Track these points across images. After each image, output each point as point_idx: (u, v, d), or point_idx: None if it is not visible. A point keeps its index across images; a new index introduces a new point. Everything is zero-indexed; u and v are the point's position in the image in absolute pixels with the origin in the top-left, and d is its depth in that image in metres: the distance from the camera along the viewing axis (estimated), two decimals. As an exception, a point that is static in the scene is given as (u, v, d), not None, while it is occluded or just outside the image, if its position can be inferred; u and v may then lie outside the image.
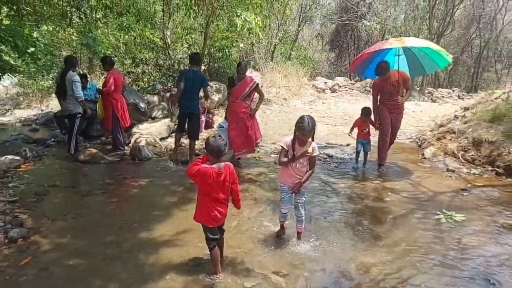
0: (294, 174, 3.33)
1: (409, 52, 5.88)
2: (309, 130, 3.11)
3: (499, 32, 19.45)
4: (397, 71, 5.51)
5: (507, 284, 2.85)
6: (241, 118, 5.73)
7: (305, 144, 3.22)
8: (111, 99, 6.45)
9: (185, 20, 10.59)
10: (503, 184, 5.31)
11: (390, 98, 5.56)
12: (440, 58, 5.78)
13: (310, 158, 3.28)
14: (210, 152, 2.73)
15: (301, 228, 3.48)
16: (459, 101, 15.09)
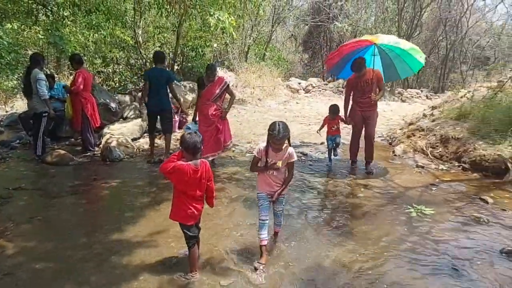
0: (272, 181, 3.14)
1: (384, 55, 5.84)
2: (281, 138, 2.90)
3: (464, 35, 20.28)
4: (372, 69, 5.49)
5: (474, 273, 2.95)
6: (211, 120, 5.48)
7: (279, 151, 3.03)
8: (80, 99, 6.24)
9: (157, 19, 10.42)
10: (469, 179, 5.52)
11: (363, 96, 5.53)
12: (414, 61, 5.77)
13: (288, 164, 3.11)
14: (186, 149, 2.68)
15: (278, 230, 3.45)
16: (427, 100, 15.61)
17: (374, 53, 5.63)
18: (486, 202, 4.45)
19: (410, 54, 5.64)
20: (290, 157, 3.07)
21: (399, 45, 5.61)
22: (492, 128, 6.06)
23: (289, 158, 3.07)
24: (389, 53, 5.81)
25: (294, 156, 3.09)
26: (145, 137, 7.34)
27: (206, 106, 5.49)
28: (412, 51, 5.65)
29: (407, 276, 2.92)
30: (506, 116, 6.08)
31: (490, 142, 5.84)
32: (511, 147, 5.58)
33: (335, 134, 5.96)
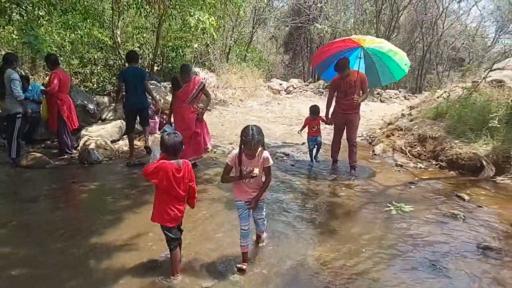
0: (248, 189, 2.94)
1: (368, 59, 5.82)
2: (255, 143, 2.66)
3: (440, 37, 20.81)
4: (357, 71, 5.43)
5: (452, 269, 3.03)
6: (188, 123, 5.29)
7: (254, 157, 2.80)
8: (56, 100, 6.06)
9: (136, 19, 10.27)
10: (446, 177, 5.67)
11: (345, 97, 5.48)
12: (397, 70, 5.79)
13: (265, 168, 2.88)
14: (166, 151, 2.67)
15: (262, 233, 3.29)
16: (405, 101, 15.96)
17: (360, 55, 5.59)
18: (462, 199, 4.57)
19: (395, 61, 5.64)
20: (266, 161, 2.85)
21: (385, 50, 5.61)
22: (467, 127, 6.25)
23: (264, 163, 2.85)
24: (373, 58, 5.80)
25: (270, 160, 2.88)
26: (124, 139, 7.19)
27: (182, 109, 5.31)
28: (397, 59, 5.65)
29: (387, 273, 2.97)
30: (480, 115, 6.28)
31: (466, 140, 6.02)
32: (486, 145, 5.76)
33: (315, 135, 5.95)
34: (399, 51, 5.79)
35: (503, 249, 3.32)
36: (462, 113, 6.59)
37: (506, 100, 6.33)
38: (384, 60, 5.73)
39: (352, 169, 5.64)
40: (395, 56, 5.65)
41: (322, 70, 6.45)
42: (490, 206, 4.37)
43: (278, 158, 6.47)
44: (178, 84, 5.31)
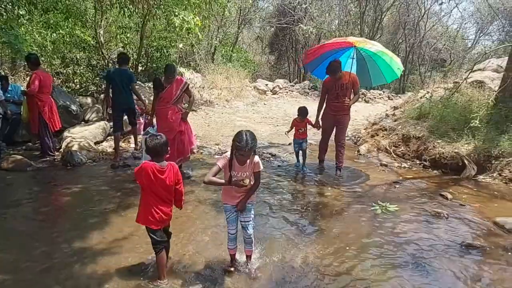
0: (236, 194, 2.85)
1: (361, 59, 5.73)
2: (249, 149, 2.59)
3: (422, 38, 21.21)
4: (349, 73, 5.36)
5: (436, 266, 3.09)
6: (172, 123, 5.10)
7: (245, 163, 2.72)
8: (37, 101, 5.91)
9: (120, 18, 10.11)
10: (429, 176, 5.78)
11: (336, 99, 5.40)
12: (390, 72, 5.71)
13: (255, 173, 2.81)
14: (149, 153, 2.64)
15: (250, 250, 3.00)
16: (389, 101, 16.23)
17: (353, 55, 5.52)
18: (446, 198, 4.66)
19: (387, 63, 5.59)
20: (256, 166, 2.79)
21: (377, 51, 5.54)
22: (449, 127, 6.38)
23: (255, 168, 2.79)
24: (366, 58, 5.72)
25: (261, 165, 2.82)
26: (108, 140, 7.09)
27: (165, 110, 5.09)
28: (390, 62, 5.58)
29: (374, 272, 3.00)
30: (462, 115, 6.42)
31: (448, 140, 6.15)
32: (467, 145, 5.89)
33: (301, 138, 5.82)
34: (393, 55, 5.75)
35: (486, 247, 3.40)
36: (445, 113, 6.72)
37: (486, 100, 6.46)
38: (376, 60, 5.67)
39: (338, 170, 5.64)
40: (388, 58, 5.59)
41: (313, 68, 6.29)
42: (472, 205, 4.47)
43: (265, 158, 6.47)
44: (161, 85, 5.12)
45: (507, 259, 3.22)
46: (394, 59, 5.65)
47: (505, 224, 3.80)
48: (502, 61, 8.83)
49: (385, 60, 5.59)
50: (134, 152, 6.54)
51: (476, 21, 22.45)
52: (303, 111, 5.76)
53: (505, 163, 5.40)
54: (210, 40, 15.53)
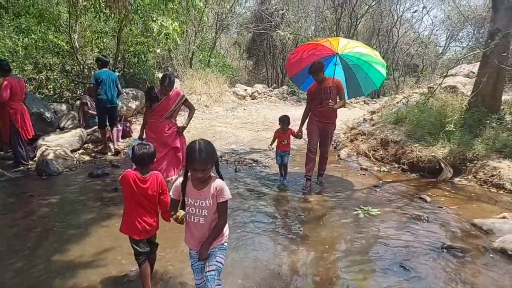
0: (194, 231, 2.23)
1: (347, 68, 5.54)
2: (202, 163, 2.00)
3: (395, 44, 21.83)
4: (332, 78, 5.13)
5: (418, 269, 3.14)
6: (166, 138, 4.72)
7: (203, 187, 2.14)
8: (8, 109, 5.68)
9: (95, 23, 9.90)
10: (408, 179, 5.91)
11: (321, 105, 5.16)
12: (377, 75, 5.47)
13: (218, 205, 2.15)
14: (134, 161, 2.58)
15: None
16: (365, 106, 16.55)
17: (336, 62, 5.30)
18: (425, 200, 4.78)
19: (374, 67, 5.37)
20: (220, 194, 2.12)
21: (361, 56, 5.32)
22: (426, 131, 6.57)
23: (218, 196, 2.13)
24: (352, 67, 5.51)
25: (226, 192, 2.14)
26: (85, 148, 6.90)
27: (159, 124, 4.68)
28: (375, 63, 5.36)
29: (358, 277, 3.03)
30: (437, 119, 6.62)
31: (425, 144, 6.32)
32: (443, 148, 6.08)
33: (284, 151, 5.48)
34: (374, 52, 5.47)
35: (465, 248, 3.49)
36: (421, 118, 6.92)
37: (459, 105, 6.71)
38: (363, 66, 5.43)
39: (319, 176, 5.61)
40: (372, 60, 5.34)
41: (300, 82, 6.01)
42: (450, 207, 4.59)
43: (247, 164, 6.46)
44: (155, 96, 4.60)
45: (486, 259, 3.32)
46: (376, 57, 5.39)
47: (482, 226, 3.92)
48: (473, 67, 9.20)
49: (370, 63, 5.34)
50: (113, 160, 6.39)
51: (446, 27, 23.30)
52: (284, 120, 5.40)
53: (479, 165, 5.59)
54: (188, 45, 15.43)
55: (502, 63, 6.13)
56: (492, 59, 6.16)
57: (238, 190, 5.13)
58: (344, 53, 5.29)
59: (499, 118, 6.19)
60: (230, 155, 7.08)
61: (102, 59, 6.88)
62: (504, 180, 5.18)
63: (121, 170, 5.83)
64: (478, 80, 6.53)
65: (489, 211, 4.44)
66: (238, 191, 5.08)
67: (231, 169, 6.19)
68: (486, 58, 6.43)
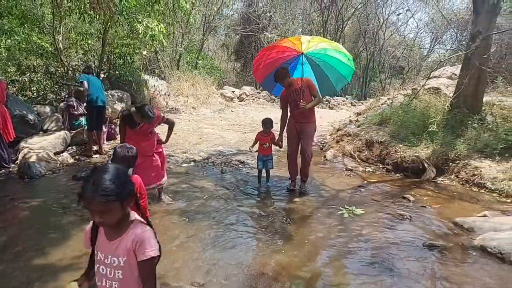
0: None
1: (315, 66, 5.40)
2: (97, 201, 1.36)
3: (381, 46, 22.13)
4: (300, 78, 5.04)
5: (401, 267, 3.18)
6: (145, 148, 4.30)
7: (116, 235, 1.53)
8: (-11, 111, 5.59)
9: (80, 24, 9.77)
10: (392, 179, 5.99)
11: (296, 107, 5.04)
12: (345, 68, 5.36)
13: (140, 264, 1.50)
14: (116, 162, 2.56)
15: None
16: (352, 107, 16.72)
17: (303, 62, 5.19)
18: (408, 200, 4.84)
19: (340, 60, 5.25)
20: (140, 248, 1.49)
21: (326, 51, 5.22)
22: (409, 132, 6.67)
23: (137, 251, 1.49)
24: (320, 64, 5.40)
25: (149, 246, 1.51)
26: (69, 150, 6.80)
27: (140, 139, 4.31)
28: (340, 57, 5.25)
29: (342, 276, 3.06)
30: (420, 120, 6.72)
31: (409, 144, 6.41)
32: (427, 148, 6.18)
33: (266, 154, 5.32)
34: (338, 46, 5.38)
35: (446, 246, 3.55)
36: (405, 119, 7.02)
37: (442, 106, 6.83)
38: (330, 62, 5.31)
39: (302, 183, 5.27)
40: (338, 54, 5.23)
41: (271, 88, 5.84)
42: (433, 206, 4.67)
43: (233, 166, 6.45)
44: (133, 122, 4.26)
45: (466, 257, 3.39)
46: (340, 49, 5.30)
47: (463, 224, 3.99)
48: (455, 69, 9.38)
49: (336, 57, 5.21)
50: (97, 163, 6.31)
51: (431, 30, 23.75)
52: (267, 122, 5.24)
53: (461, 165, 5.70)
54: (175, 47, 15.37)
55: (483, 64, 6.26)
56: (473, 61, 6.28)
57: (223, 191, 5.12)
58: (309, 51, 5.16)
59: (480, 118, 6.31)
60: (216, 156, 7.07)
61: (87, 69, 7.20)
62: (485, 179, 5.28)
63: (106, 173, 5.76)
64: (460, 81, 6.65)
65: (471, 210, 4.53)
66: (224, 192, 5.08)
67: (217, 170, 6.18)
68: (467, 60, 6.55)
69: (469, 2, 6.76)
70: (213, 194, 4.98)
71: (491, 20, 6.42)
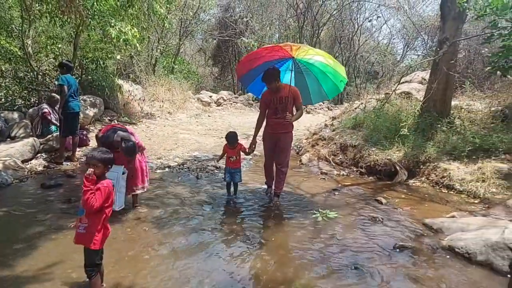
0: None
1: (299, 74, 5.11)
2: None
3: (356, 52, 22.58)
4: (289, 86, 4.67)
5: (373, 268, 3.23)
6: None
7: None
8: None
9: (50, 28, 9.51)
10: (365, 182, 6.09)
11: (275, 115, 4.68)
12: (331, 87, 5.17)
13: None
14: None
15: None
16: (328, 112, 16.93)
17: (291, 68, 4.88)
18: (380, 202, 4.93)
19: (329, 78, 5.05)
20: None
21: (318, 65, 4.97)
22: (382, 136, 6.82)
23: None
24: (305, 73, 5.16)
25: None
26: (38, 158, 6.58)
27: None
28: (332, 76, 5.02)
29: (315, 279, 3.07)
30: (392, 124, 6.88)
31: (381, 148, 6.54)
32: (398, 151, 6.32)
33: (234, 168, 5.00)
34: (336, 64, 5.08)
35: (416, 247, 3.63)
36: (377, 123, 7.17)
37: (413, 110, 7.02)
38: (317, 75, 5.09)
39: (276, 196, 4.94)
40: (330, 72, 4.99)
41: (248, 83, 5.48)
42: (404, 208, 4.77)
43: (209, 171, 6.41)
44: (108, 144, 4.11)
45: (435, 258, 3.47)
46: (338, 70, 5.00)
47: (432, 225, 4.10)
48: (426, 74, 9.66)
49: (327, 73, 5.01)
50: (68, 170, 6.13)
51: (403, 36, 24.42)
52: (230, 138, 4.91)
53: (432, 167, 5.85)
54: (150, 52, 15.18)
55: (450, 70, 6.48)
56: (441, 66, 6.50)
57: (198, 197, 5.07)
58: (300, 58, 4.89)
59: (449, 122, 6.51)
60: (192, 162, 7.00)
61: (67, 64, 6.56)
62: (453, 181, 5.45)
63: (77, 180, 5.61)
64: (429, 86, 6.86)
65: (440, 211, 4.65)
66: (199, 198, 5.03)
67: (193, 176, 6.11)
68: (436, 65, 6.77)
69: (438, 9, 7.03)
70: (188, 200, 4.92)
71: (457, 27, 6.67)
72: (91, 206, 2.46)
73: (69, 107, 6.43)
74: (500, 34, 4.74)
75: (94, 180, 2.54)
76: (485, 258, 3.30)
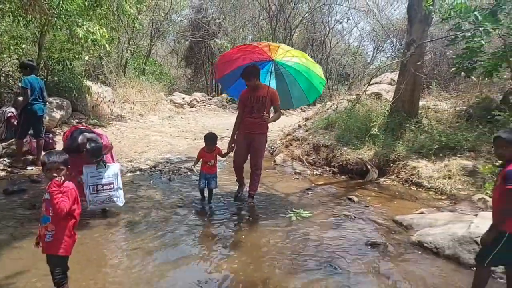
0: None
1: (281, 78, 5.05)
2: None
3: (328, 54, 22.97)
4: (268, 87, 4.60)
5: (346, 266, 3.28)
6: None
7: None
8: None
9: (13, 28, 9.12)
10: (338, 181, 6.19)
11: (251, 114, 4.60)
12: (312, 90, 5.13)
13: None
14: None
15: None
16: (302, 113, 17.10)
17: (271, 69, 4.80)
18: (352, 201, 5.02)
19: (310, 81, 4.99)
20: None
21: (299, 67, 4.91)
22: (353, 135, 6.95)
23: None
24: (286, 76, 5.07)
25: None
26: (0, 162, 6.27)
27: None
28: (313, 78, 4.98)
29: (290, 278, 3.07)
30: (363, 124, 7.04)
31: (353, 147, 6.67)
32: (369, 151, 6.46)
33: (210, 173, 4.79)
34: (314, 66, 5.03)
35: (387, 243, 3.70)
36: (348, 123, 7.31)
37: (383, 110, 7.21)
38: (298, 78, 5.01)
39: (250, 197, 4.89)
40: (310, 74, 4.94)
41: (228, 85, 5.37)
42: (375, 205, 4.88)
43: (182, 174, 6.31)
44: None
45: (405, 253, 3.56)
46: (316, 72, 4.96)
47: (402, 222, 4.20)
48: (395, 75, 9.93)
49: (307, 76, 4.95)
50: (33, 175, 5.86)
51: (372, 39, 25.06)
52: (209, 138, 4.74)
53: (401, 166, 6.02)
54: (120, 53, 14.84)
55: (417, 71, 6.69)
56: (409, 67, 6.70)
57: (171, 200, 4.97)
58: (280, 60, 4.81)
59: (417, 121, 6.72)
60: (164, 164, 6.87)
61: (30, 64, 6.18)
62: (422, 178, 5.62)
63: (42, 185, 5.37)
64: (398, 87, 7.06)
65: (410, 208, 4.79)
66: (171, 201, 4.93)
67: (165, 179, 6.00)
68: (404, 67, 6.97)
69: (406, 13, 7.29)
70: (160, 203, 4.82)
71: (424, 29, 6.90)
72: (61, 210, 2.36)
73: (32, 110, 6.05)
74: (463, 36, 4.95)
75: (60, 184, 2.44)
76: (452, 252, 3.41)
